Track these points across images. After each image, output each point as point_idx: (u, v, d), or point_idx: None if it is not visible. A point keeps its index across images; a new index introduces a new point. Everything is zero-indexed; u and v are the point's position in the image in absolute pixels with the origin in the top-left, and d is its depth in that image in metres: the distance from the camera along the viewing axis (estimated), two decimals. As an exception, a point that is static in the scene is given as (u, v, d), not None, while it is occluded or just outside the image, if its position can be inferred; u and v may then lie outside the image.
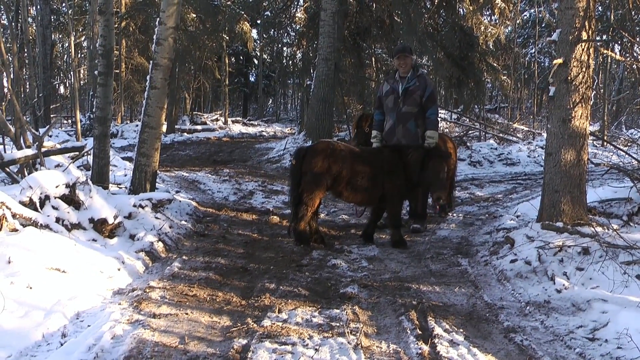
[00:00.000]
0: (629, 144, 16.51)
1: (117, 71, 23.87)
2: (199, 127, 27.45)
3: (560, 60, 7.00)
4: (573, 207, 7.10)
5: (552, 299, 5.60)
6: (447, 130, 21.19)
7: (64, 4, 30.33)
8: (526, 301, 5.65)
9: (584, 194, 7.24)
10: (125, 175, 10.76)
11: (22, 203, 6.45)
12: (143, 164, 9.06)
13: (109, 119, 9.30)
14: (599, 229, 6.61)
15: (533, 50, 32.88)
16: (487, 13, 24.35)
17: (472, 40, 18.93)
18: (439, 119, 8.85)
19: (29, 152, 8.52)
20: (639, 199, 7.79)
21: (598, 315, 5.07)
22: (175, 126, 25.96)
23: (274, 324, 4.90)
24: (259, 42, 34.78)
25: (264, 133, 28.41)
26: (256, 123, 32.53)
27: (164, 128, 20.79)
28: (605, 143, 17.99)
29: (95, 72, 10.31)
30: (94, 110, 9.99)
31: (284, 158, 16.93)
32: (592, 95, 7.36)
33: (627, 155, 9.53)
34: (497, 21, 22.67)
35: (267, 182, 13.11)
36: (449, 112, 24.68)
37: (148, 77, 9.25)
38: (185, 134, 25.34)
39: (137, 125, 18.71)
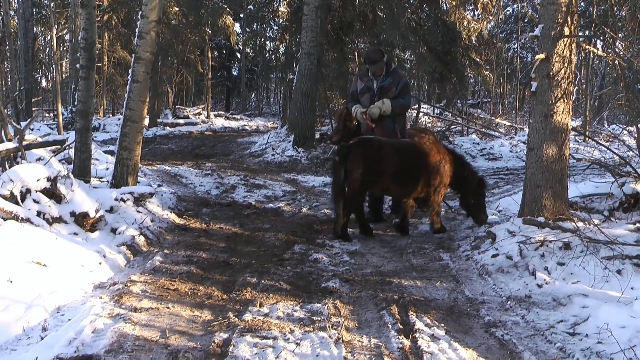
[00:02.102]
0: (610, 140, 16.57)
1: (99, 64, 23.67)
2: (181, 121, 27.25)
3: (542, 56, 7.03)
4: (554, 202, 7.13)
5: (533, 294, 5.63)
6: (430, 124, 21.23)
7: (45, -3, 30.12)
8: (507, 296, 5.68)
9: (565, 189, 7.28)
10: (107, 169, 10.68)
11: (3, 196, 6.39)
12: (125, 157, 9.00)
13: (91, 113, 9.22)
14: (580, 224, 6.65)
15: (515, 45, 33.01)
16: (470, 8, 24.48)
17: (455, 35, 19.03)
18: (409, 107, 9.02)
19: (10, 145, 8.44)
20: (620, 194, 7.84)
21: (579, 310, 5.10)
22: (158, 120, 25.79)
23: (255, 318, 4.89)
24: (241, 36, 34.75)
25: (247, 127, 28.31)
26: (239, 117, 32.41)
27: (146, 122, 20.68)
28: (587, 138, 18.07)
29: (77, 66, 10.23)
30: (75, 103, 9.91)
31: (266, 152, 16.91)
32: (574, 90, 7.40)
33: (608, 151, 9.57)
34: (480, 16, 22.82)
35: (249, 176, 13.07)
36: (431, 106, 24.73)
37: (130, 71, 9.17)
38: (167, 127, 25.16)
39: (119, 119, 18.53)
